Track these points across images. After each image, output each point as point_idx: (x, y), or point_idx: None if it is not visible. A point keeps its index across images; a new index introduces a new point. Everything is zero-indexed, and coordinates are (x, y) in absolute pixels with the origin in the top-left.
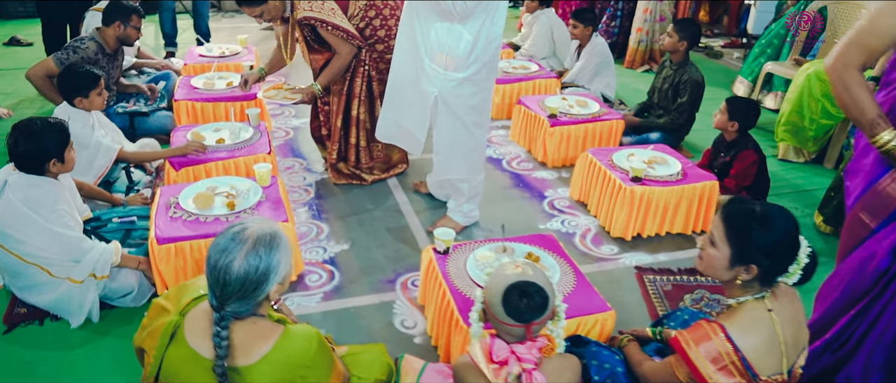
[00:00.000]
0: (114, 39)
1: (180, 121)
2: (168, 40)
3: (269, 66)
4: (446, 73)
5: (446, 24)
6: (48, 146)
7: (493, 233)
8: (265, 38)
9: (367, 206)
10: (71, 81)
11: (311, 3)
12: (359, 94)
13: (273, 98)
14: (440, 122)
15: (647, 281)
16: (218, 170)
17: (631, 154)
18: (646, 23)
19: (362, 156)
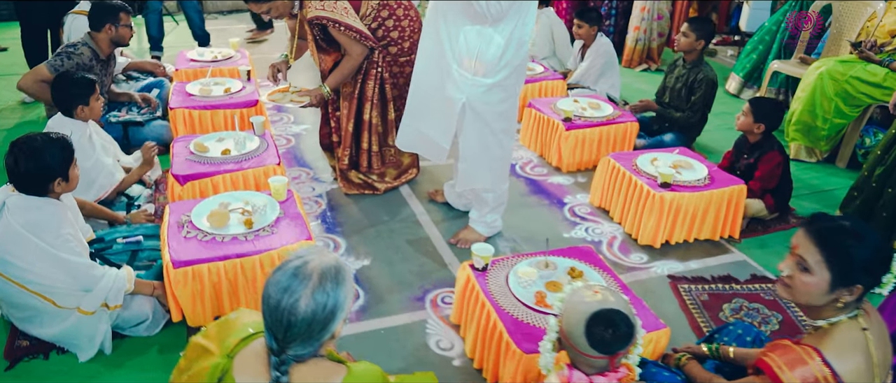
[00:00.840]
0: (108, 43)
1: (177, 131)
2: (154, 44)
3: (291, 53)
4: (475, 78)
5: (476, 28)
6: (52, 164)
7: (516, 243)
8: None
9: (382, 218)
10: (70, 89)
11: (323, 2)
12: (371, 97)
13: (279, 101)
14: (467, 130)
15: (682, 290)
16: (226, 185)
17: (654, 158)
18: (643, 21)
19: (374, 161)
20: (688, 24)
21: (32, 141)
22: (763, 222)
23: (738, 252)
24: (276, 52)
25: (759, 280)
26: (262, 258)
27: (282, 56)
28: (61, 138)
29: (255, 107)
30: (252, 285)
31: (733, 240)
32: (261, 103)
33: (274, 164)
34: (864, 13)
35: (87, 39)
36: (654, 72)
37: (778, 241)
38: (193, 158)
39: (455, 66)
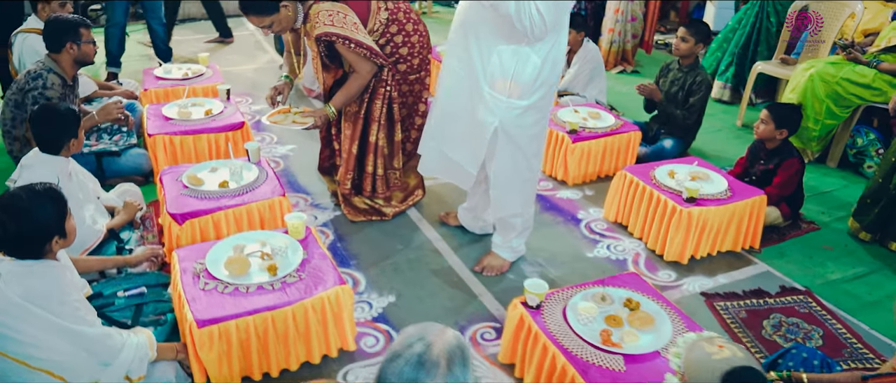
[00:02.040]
0: (71, 64)
1: (157, 160)
2: (111, 59)
3: (290, 72)
4: (509, 100)
5: (511, 47)
6: (45, 222)
7: (542, 266)
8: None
9: (397, 246)
10: (58, 123)
11: (332, 16)
12: (378, 117)
13: (280, 123)
14: (499, 155)
15: (719, 308)
16: (229, 222)
17: (671, 171)
18: (617, 23)
19: (379, 186)
20: (685, 29)
21: (17, 199)
22: (778, 230)
23: (760, 262)
24: (240, 61)
25: (788, 292)
26: (295, 310)
27: (282, 77)
28: (49, 189)
29: (241, 130)
30: (283, 340)
31: (753, 250)
32: (247, 126)
33: (278, 196)
34: (842, 14)
35: (49, 63)
36: (630, 73)
37: (795, 249)
38: (188, 193)
39: (487, 88)
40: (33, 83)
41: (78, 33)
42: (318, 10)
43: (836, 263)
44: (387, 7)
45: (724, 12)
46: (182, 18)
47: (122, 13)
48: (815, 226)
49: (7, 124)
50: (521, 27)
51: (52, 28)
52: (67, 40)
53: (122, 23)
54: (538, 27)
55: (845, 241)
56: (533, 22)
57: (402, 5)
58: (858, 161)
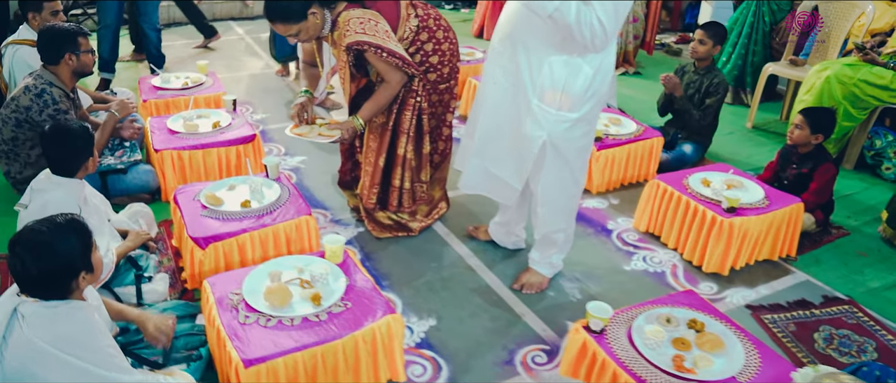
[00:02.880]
0: (70, 76)
1: (166, 177)
2: (103, 65)
3: (310, 85)
4: (559, 113)
5: (563, 58)
6: (71, 257)
7: (581, 282)
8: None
9: (429, 264)
10: (74, 144)
11: (363, 24)
12: (407, 129)
13: (305, 136)
14: (546, 170)
15: (767, 322)
16: (254, 245)
17: (704, 179)
18: None
19: (405, 200)
20: (703, 31)
21: (38, 235)
22: (810, 236)
23: (798, 271)
24: (234, 67)
25: (832, 302)
26: (344, 343)
27: (302, 93)
28: (71, 220)
29: (253, 143)
30: (332, 374)
31: (790, 258)
32: (258, 139)
33: (305, 216)
34: (852, 14)
35: (47, 77)
36: (632, 75)
37: (830, 256)
38: (209, 214)
39: (535, 101)
40: (39, 101)
41: (76, 43)
42: (349, 18)
43: (873, 270)
44: (417, 14)
45: (721, 12)
46: (167, 23)
47: (115, 15)
48: (845, 231)
49: (6, 144)
50: (582, 39)
51: (48, 39)
52: (65, 51)
53: (115, 26)
54: (599, 38)
55: (878, 246)
56: (594, 33)
57: (431, 11)
58: (876, 162)
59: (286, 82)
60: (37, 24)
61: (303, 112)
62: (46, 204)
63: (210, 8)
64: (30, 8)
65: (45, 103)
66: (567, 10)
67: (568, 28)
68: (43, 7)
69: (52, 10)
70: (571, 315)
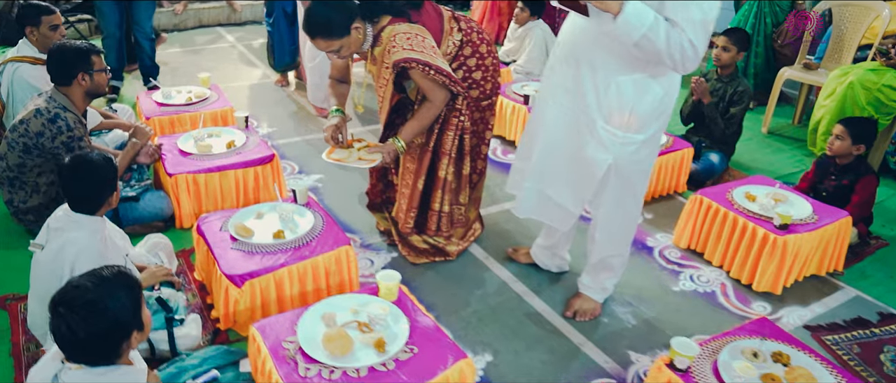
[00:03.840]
0: (82, 98)
1: (181, 203)
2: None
3: (340, 103)
4: (627, 135)
5: (632, 77)
6: (123, 317)
7: (634, 306)
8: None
9: (472, 291)
10: (99, 176)
11: (410, 39)
12: (449, 150)
13: (344, 161)
14: (609, 194)
15: (830, 343)
16: (292, 281)
17: (748, 193)
18: None
19: (444, 224)
20: (726, 37)
21: (84, 293)
22: (852, 249)
23: (848, 287)
24: (230, 77)
25: (889, 319)
26: None
27: (335, 112)
28: (119, 273)
29: (271, 164)
30: None
31: (837, 272)
32: (277, 159)
33: (344, 246)
34: (867, 16)
35: (60, 99)
36: None
37: (875, 268)
38: (240, 247)
39: (601, 123)
40: (52, 127)
41: (89, 62)
42: (395, 33)
43: None
44: (460, 27)
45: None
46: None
47: (115, 23)
48: (884, 241)
49: (11, 171)
50: (672, 63)
51: (60, 58)
52: (78, 71)
53: (117, 33)
54: (691, 60)
55: None
56: (685, 55)
57: (473, 25)
58: None
59: (287, 92)
60: (36, 40)
61: (337, 133)
62: (65, 245)
63: (197, 14)
64: (27, 22)
65: (59, 130)
66: (656, 35)
67: (657, 53)
68: (41, 21)
69: (50, 24)
70: (630, 343)
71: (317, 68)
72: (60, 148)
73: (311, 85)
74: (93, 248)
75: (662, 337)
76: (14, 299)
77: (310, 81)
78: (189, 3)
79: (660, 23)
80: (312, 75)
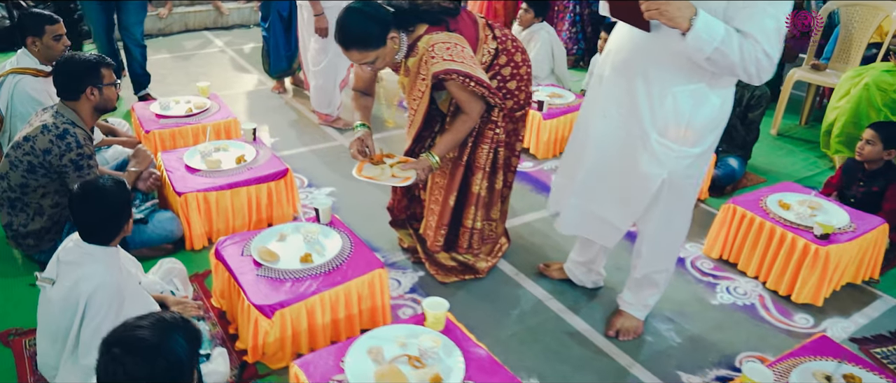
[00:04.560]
0: (91, 113)
1: (191, 224)
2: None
3: (366, 118)
4: (682, 148)
5: (689, 88)
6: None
7: (675, 322)
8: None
9: (508, 311)
10: (113, 207)
11: (450, 50)
12: (484, 164)
13: (377, 179)
14: (661, 209)
15: (880, 357)
16: (324, 308)
17: (781, 201)
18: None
19: (475, 240)
20: None
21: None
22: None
23: (886, 295)
24: (222, 85)
25: None
26: None
27: (359, 126)
28: (178, 319)
29: (285, 179)
30: None
31: (872, 280)
32: (291, 174)
33: (377, 269)
34: (875, 16)
35: (68, 115)
36: None
37: None
38: (266, 274)
39: (655, 136)
40: (61, 143)
41: (98, 75)
42: (433, 43)
43: None
44: (494, 35)
45: None
46: None
47: (101, 24)
48: None
49: (13, 191)
50: (747, 75)
51: (67, 71)
52: (86, 84)
53: (105, 34)
54: (766, 71)
55: None
56: (760, 67)
57: (507, 32)
58: None
59: (285, 100)
60: (38, 50)
61: (364, 148)
62: (80, 281)
63: (182, 18)
64: (29, 33)
65: (68, 147)
66: (729, 48)
67: (729, 66)
68: (44, 31)
69: (54, 34)
70: (679, 363)
71: (321, 73)
72: (68, 166)
73: (314, 89)
74: (110, 284)
75: (710, 355)
76: (17, 334)
77: (313, 85)
78: (174, 7)
79: (732, 35)
80: (316, 79)
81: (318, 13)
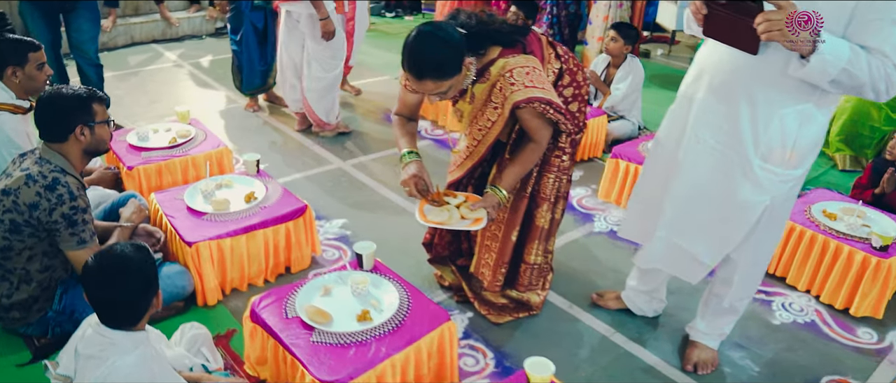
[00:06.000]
0: (81, 156)
1: (204, 276)
2: None
3: (414, 145)
4: (785, 172)
5: (796, 108)
6: None
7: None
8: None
9: (575, 351)
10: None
11: (530, 74)
12: (549, 195)
13: (447, 224)
14: (758, 237)
15: None
16: (394, 375)
17: (825, 211)
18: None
19: (534, 276)
20: None
21: None
22: None
23: None
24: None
25: None
26: None
27: (409, 155)
28: None
29: (304, 217)
30: None
31: None
32: (310, 211)
33: (446, 323)
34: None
35: (56, 161)
36: None
37: None
38: (322, 340)
39: (758, 162)
40: (51, 196)
41: (89, 111)
42: (510, 67)
43: None
44: (557, 54)
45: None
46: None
47: (48, 45)
48: None
49: None
50: (875, 93)
51: (53, 108)
52: (76, 123)
53: (52, 56)
54: (895, 87)
55: None
56: (890, 83)
57: (567, 50)
58: None
59: (263, 118)
60: (18, 82)
61: (422, 184)
62: (109, 376)
63: (128, 31)
64: (8, 62)
65: (60, 199)
66: (857, 68)
67: (857, 87)
68: (27, 59)
69: (38, 62)
70: None
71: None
72: (60, 223)
73: (315, 98)
74: (142, 375)
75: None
76: None
77: (313, 94)
78: (118, 18)
79: (858, 54)
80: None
81: (325, 17)
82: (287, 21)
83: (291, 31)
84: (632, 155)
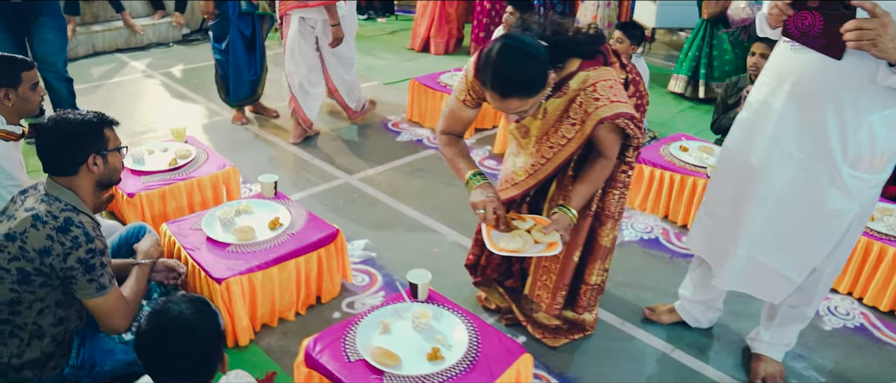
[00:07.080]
0: (92, 191)
1: (234, 315)
2: None
3: (474, 165)
4: (873, 177)
5: (883, 114)
6: None
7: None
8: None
9: (639, 370)
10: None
11: (613, 88)
12: (614, 212)
13: (523, 252)
14: (843, 245)
15: None
16: None
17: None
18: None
19: (593, 297)
20: (764, 44)
21: None
22: None
23: None
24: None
25: None
26: None
27: (476, 178)
28: None
29: (335, 243)
30: None
31: None
32: (341, 235)
33: (522, 356)
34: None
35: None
36: None
37: None
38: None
39: (847, 170)
40: (64, 238)
41: (102, 138)
42: (592, 81)
43: None
44: (622, 63)
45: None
46: None
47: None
48: None
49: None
50: None
51: (60, 139)
52: (89, 152)
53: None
54: None
55: None
56: None
57: (628, 59)
58: None
59: (254, 131)
60: (10, 105)
61: (500, 208)
62: None
63: (89, 40)
64: (2, 84)
65: (75, 243)
66: None
67: None
68: (20, 79)
69: (32, 82)
70: None
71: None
72: (76, 269)
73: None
74: None
75: None
76: None
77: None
78: (78, 26)
79: None
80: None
81: (336, 22)
82: (301, 27)
83: (306, 38)
84: (655, 159)
